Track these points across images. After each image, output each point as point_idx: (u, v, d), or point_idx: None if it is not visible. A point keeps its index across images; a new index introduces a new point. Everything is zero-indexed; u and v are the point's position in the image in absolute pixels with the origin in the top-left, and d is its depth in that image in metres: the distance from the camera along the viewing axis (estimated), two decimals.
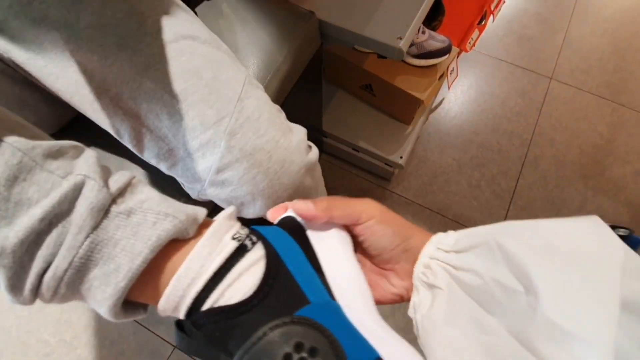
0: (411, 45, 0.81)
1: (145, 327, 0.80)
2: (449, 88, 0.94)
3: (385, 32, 0.56)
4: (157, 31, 0.33)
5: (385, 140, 0.88)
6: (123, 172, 0.23)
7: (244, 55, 0.47)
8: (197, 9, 0.49)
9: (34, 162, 0.20)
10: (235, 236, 0.22)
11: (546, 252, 0.20)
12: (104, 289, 0.20)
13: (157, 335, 0.79)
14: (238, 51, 0.47)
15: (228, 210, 0.23)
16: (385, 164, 0.88)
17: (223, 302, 0.20)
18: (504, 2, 0.91)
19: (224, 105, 0.33)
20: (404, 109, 0.86)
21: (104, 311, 0.21)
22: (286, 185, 0.35)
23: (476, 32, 0.90)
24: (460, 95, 1.09)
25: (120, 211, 0.21)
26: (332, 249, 0.25)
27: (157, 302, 0.21)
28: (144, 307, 0.24)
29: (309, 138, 0.39)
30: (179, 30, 0.34)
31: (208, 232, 0.22)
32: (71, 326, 0.81)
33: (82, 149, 0.23)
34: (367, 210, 0.27)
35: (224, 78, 0.34)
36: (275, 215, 0.26)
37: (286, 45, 0.49)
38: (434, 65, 0.84)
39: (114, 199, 0.21)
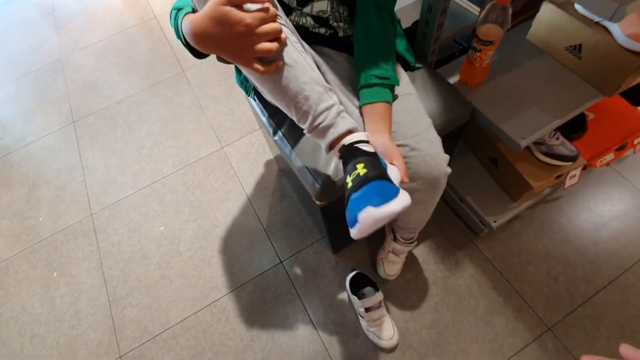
0: (542, 144, 1.01)
1: (268, 237, 1.21)
2: (564, 189, 1.08)
3: (515, 130, 0.81)
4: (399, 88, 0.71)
5: (488, 204, 1.09)
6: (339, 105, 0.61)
7: None
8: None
9: (326, 89, 0.59)
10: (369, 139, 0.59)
11: None
12: (331, 135, 0.58)
13: (273, 247, 1.19)
14: None
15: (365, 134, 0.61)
16: (480, 221, 1.09)
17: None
18: None
19: (418, 130, 0.69)
20: (515, 187, 1.05)
21: (326, 143, 0.59)
22: (432, 175, 0.69)
23: (612, 155, 1.02)
24: (578, 199, 1.19)
25: (341, 116, 0.59)
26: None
27: (332, 148, 0.60)
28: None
29: None
30: (406, 90, 0.71)
31: (363, 134, 0.58)
32: (215, 212, 1.27)
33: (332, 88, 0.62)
34: None
35: (421, 119, 0.70)
36: None
37: (444, 116, 0.79)
38: (557, 166, 1.02)
39: (340, 112, 0.59)
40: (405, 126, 0.70)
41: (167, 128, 1.53)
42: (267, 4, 0.49)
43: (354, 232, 0.50)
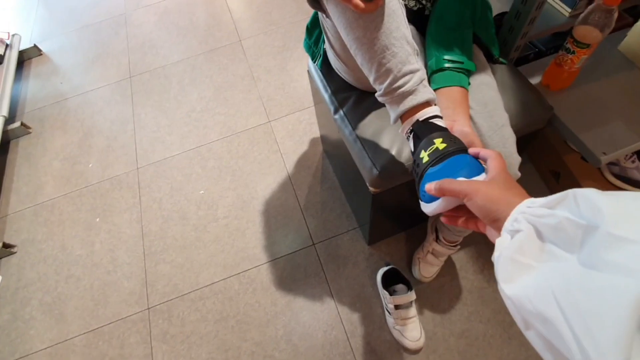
0: (616, 164, 0.93)
1: (304, 218, 1.20)
2: None
3: (596, 143, 0.74)
4: (477, 74, 0.66)
5: None
6: (424, 71, 0.54)
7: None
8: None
9: (415, 51, 0.53)
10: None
11: (613, 194, 0.26)
12: (408, 103, 0.52)
13: (307, 227, 1.18)
14: None
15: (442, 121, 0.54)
16: None
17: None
18: None
19: (494, 124, 0.65)
20: None
21: (399, 112, 0.53)
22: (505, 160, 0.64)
23: None
24: None
25: (423, 84, 0.52)
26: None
27: (403, 120, 0.54)
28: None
29: None
30: (484, 80, 0.67)
31: (438, 109, 0.53)
32: (255, 184, 1.27)
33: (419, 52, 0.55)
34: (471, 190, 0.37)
35: (498, 113, 0.66)
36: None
37: (521, 118, 0.74)
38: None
39: (423, 79, 0.52)
40: (481, 119, 0.66)
41: (218, 95, 1.54)
42: None
43: (435, 206, 0.46)
